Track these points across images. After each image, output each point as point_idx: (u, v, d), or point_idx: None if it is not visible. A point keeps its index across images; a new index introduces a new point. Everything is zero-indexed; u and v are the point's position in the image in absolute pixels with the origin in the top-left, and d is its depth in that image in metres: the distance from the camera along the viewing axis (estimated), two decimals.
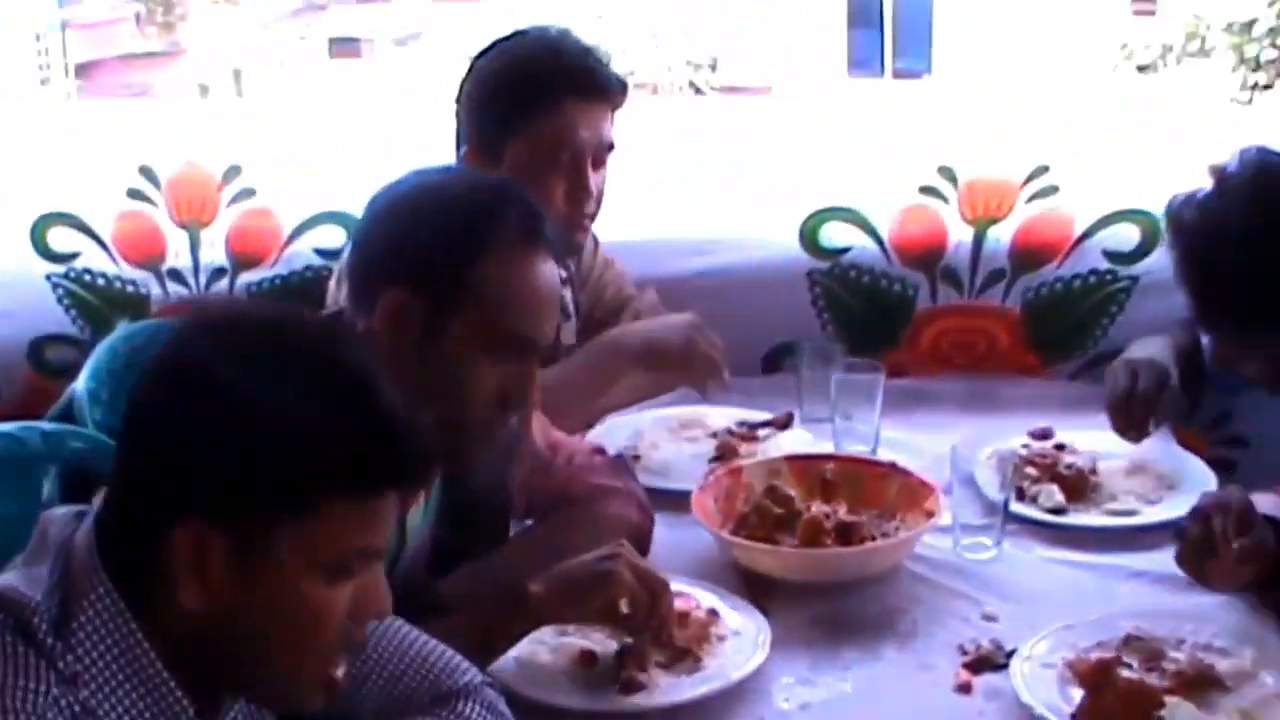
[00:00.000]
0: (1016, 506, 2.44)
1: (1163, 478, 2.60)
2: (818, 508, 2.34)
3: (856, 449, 2.65)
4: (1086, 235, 2.93)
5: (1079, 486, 2.52)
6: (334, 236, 3.06)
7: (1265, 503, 2.25)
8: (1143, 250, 2.93)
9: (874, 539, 2.31)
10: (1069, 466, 2.53)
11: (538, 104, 2.48)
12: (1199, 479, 2.56)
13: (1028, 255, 2.95)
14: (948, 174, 2.89)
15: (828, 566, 2.29)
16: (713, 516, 2.36)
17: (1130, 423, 2.58)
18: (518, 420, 2.10)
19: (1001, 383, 2.99)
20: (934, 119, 3.00)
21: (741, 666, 2.05)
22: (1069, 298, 2.99)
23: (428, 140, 2.67)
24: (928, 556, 2.35)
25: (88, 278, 3.08)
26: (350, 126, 3.28)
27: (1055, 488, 2.50)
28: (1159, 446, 2.64)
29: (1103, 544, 2.42)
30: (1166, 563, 2.31)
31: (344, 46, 13.85)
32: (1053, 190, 2.88)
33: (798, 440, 2.71)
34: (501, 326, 1.92)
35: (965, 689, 2.06)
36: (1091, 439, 2.67)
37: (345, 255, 2.30)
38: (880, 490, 2.43)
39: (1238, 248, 2.27)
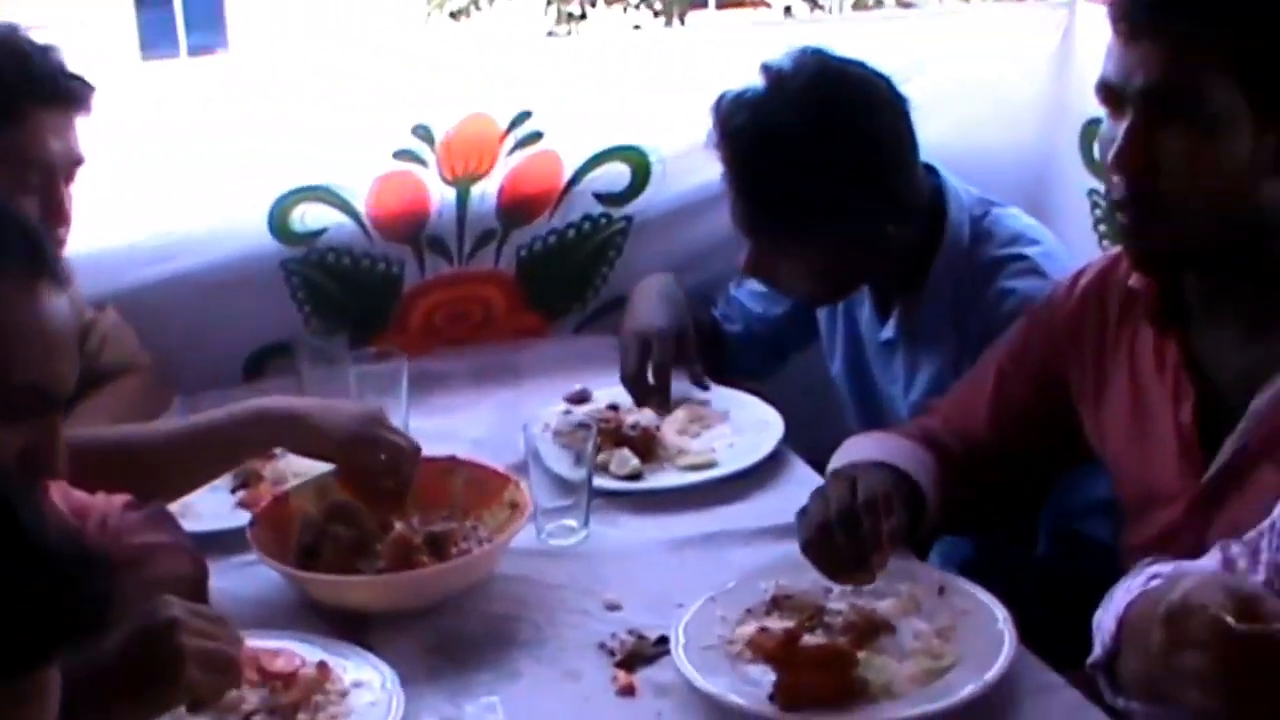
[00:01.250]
0: (580, 476, 2.21)
1: (723, 417, 2.50)
2: (400, 524, 2.04)
3: None
4: (575, 180, 2.74)
5: (649, 446, 2.36)
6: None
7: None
8: (634, 189, 2.77)
9: (467, 545, 2.05)
10: (634, 427, 2.35)
11: (2, 116, 2.06)
12: (756, 411, 2.48)
13: (517, 210, 2.73)
14: (424, 133, 2.61)
15: (434, 586, 2.00)
16: (275, 553, 2.02)
17: (649, 395, 2.47)
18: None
19: (508, 350, 2.79)
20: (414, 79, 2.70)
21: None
22: (564, 249, 2.80)
23: None
24: (513, 551, 2.09)
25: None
26: None
27: (627, 452, 2.31)
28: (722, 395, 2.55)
29: (691, 502, 2.27)
30: (767, 512, 2.21)
31: None
32: (536, 136, 2.67)
33: None
34: (10, 379, 1.53)
35: (629, 691, 1.85)
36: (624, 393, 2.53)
37: None
38: (444, 488, 2.17)
39: (790, 149, 2.23)
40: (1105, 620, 1.65)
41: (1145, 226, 1.82)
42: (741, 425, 2.46)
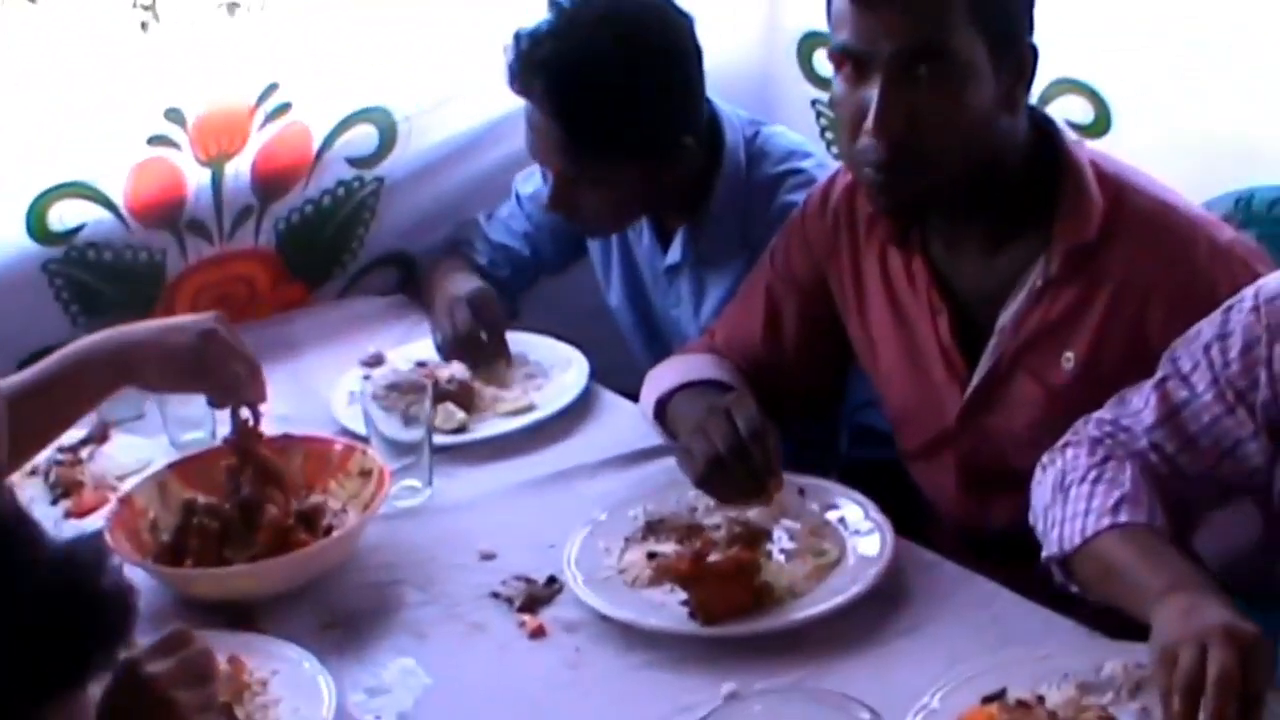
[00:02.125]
0: (416, 436, 2.23)
1: (524, 360, 2.56)
2: (271, 507, 2.03)
3: (193, 436, 2.34)
4: (326, 146, 2.72)
5: (469, 399, 2.40)
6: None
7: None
8: (383, 149, 2.78)
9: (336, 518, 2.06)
10: (450, 381, 2.39)
11: None
12: (555, 351, 2.56)
13: (272, 183, 2.69)
14: (176, 116, 2.56)
15: (319, 563, 2.00)
16: (137, 557, 1.98)
17: (482, 354, 2.50)
18: None
19: (279, 324, 2.76)
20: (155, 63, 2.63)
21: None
22: (321, 217, 2.78)
23: None
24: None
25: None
26: None
27: (450, 406, 2.35)
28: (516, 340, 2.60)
29: (523, 447, 2.34)
30: (598, 445, 2.31)
31: None
32: (285, 108, 2.64)
33: (129, 449, 2.35)
34: None
35: (540, 633, 1.91)
36: (424, 349, 2.57)
37: None
38: (285, 466, 2.14)
39: (601, 73, 2.29)
40: (1060, 512, 1.75)
41: (903, 180, 1.89)
42: (545, 366, 2.53)
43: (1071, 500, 1.74)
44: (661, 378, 2.28)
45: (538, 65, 2.33)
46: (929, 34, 1.81)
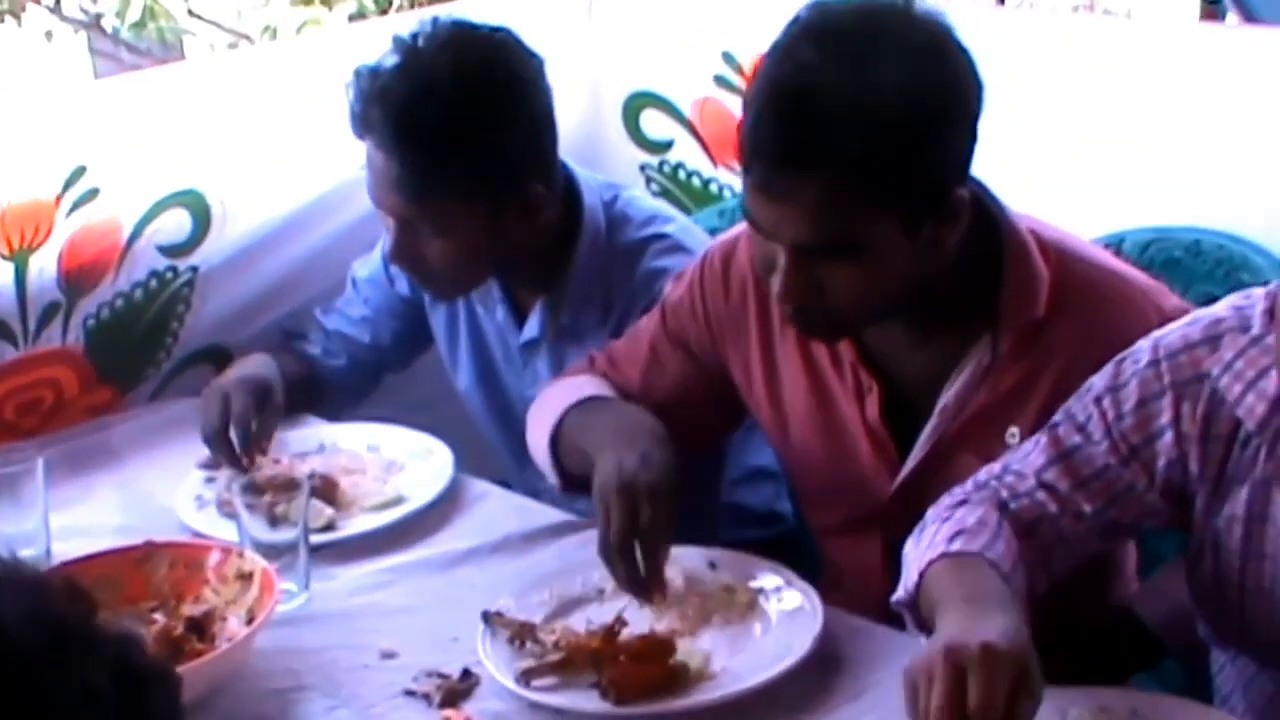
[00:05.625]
0: (289, 537, 2.07)
1: (374, 450, 2.43)
2: (160, 616, 1.86)
3: (26, 553, 2.12)
4: (136, 235, 2.53)
5: (334, 494, 2.25)
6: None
7: None
8: (197, 236, 2.60)
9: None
10: (313, 476, 2.22)
11: None
12: (411, 441, 2.43)
13: (80, 277, 2.49)
14: None
15: (221, 671, 1.84)
16: None
17: (230, 454, 2.31)
18: None
19: (93, 431, 2.55)
20: None
21: None
22: (131, 311, 2.58)
23: None
24: None
25: None
26: None
27: (317, 502, 2.18)
28: (359, 430, 2.47)
29: (400, 540, 2.20)
30: (476, 531, 2.21)
31: None
32: (93, 194, 2.45)
33: None
34: None
35: None
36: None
37: None
38: (145, 579, 1.99)
39: (446, 109, 2.19)
40: (913, 555, 1.72)
41: (817, 328, 1.90)
42: (405, 457, 2.39)
43: (919, 545, 1.72)
44: (545, 411, 2.18)
45: (376, 98, 2.20)
46: (833, 232, 1.75)
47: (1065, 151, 2.43)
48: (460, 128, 2.18)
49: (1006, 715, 1.42)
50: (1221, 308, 1.68)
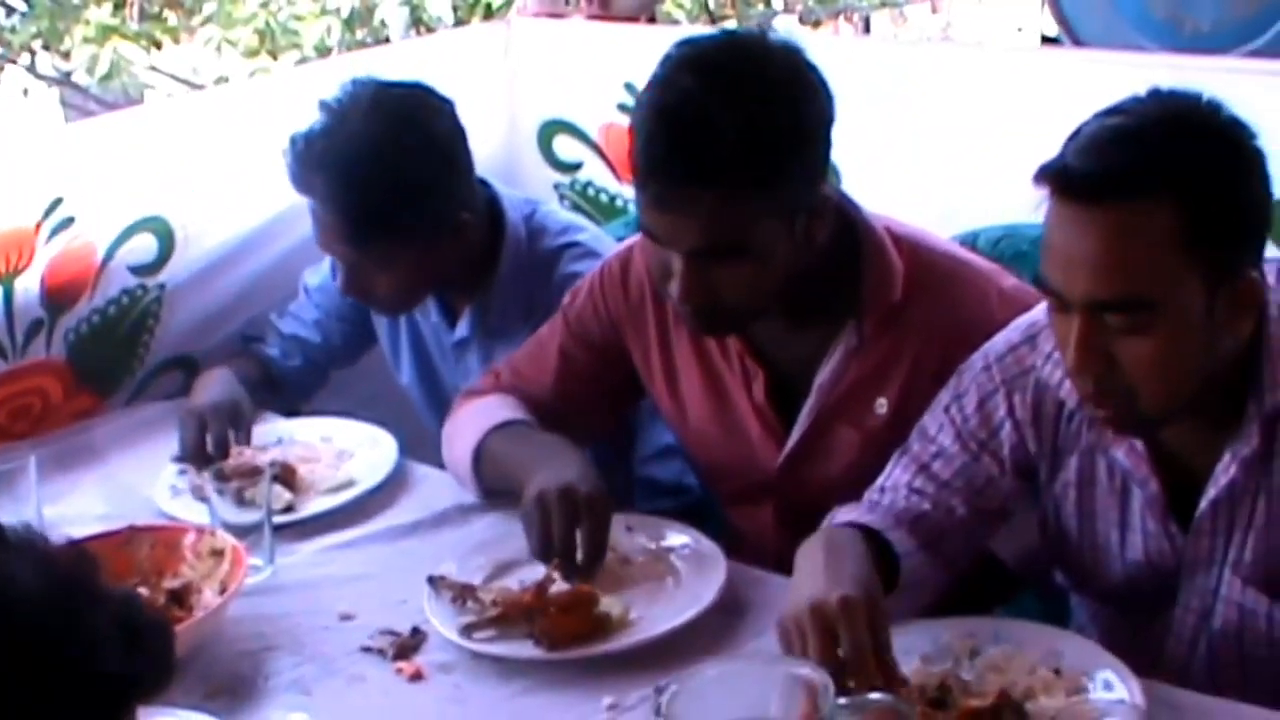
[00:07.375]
0: (254, 518, 2.36)
1: (327, 441, 2.70)
2: (144, 590, 2.14)
3: None
4: (109, 258, 2.83)
5: (292, 480, 2.53)
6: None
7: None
8: (163, 257, 2.90)
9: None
10: (274, 465, 2.48)
11: None
12: (356, 432, 2.70)
13: (60, 296, 2.78)
14: None
15: (200, 635, 2.10)
16: None
17: (202, 457, 2.56)
18: None
19: (78, 433, 2.83)
20: None
21: None
22: (107, 325, 2.88)
23: None
24: None
25: None
26: None
27: (278, 486, 2.47)
28: (313, 424, 2.75)
29: (353, 519, 2.47)
30: (419, 507, 2.47)
31: None
32: (69, 222, 2.74)
33: None
34: None
35: (419, 676, 2.06)
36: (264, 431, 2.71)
37: None
38: (129, 559, 2.24)
39: (375, 163, 2.44)
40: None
41: (711, 324, 2.13)
42: (354, 446, 2.67)
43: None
44: (464, 431, 2.41)
45: (314, 164, 2.47)
46: (724, 236, 1.97)
47: (927, 161, 2.75)
48: (391, 180, 2.45)
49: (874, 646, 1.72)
50: (1037, 311, 1.96)
